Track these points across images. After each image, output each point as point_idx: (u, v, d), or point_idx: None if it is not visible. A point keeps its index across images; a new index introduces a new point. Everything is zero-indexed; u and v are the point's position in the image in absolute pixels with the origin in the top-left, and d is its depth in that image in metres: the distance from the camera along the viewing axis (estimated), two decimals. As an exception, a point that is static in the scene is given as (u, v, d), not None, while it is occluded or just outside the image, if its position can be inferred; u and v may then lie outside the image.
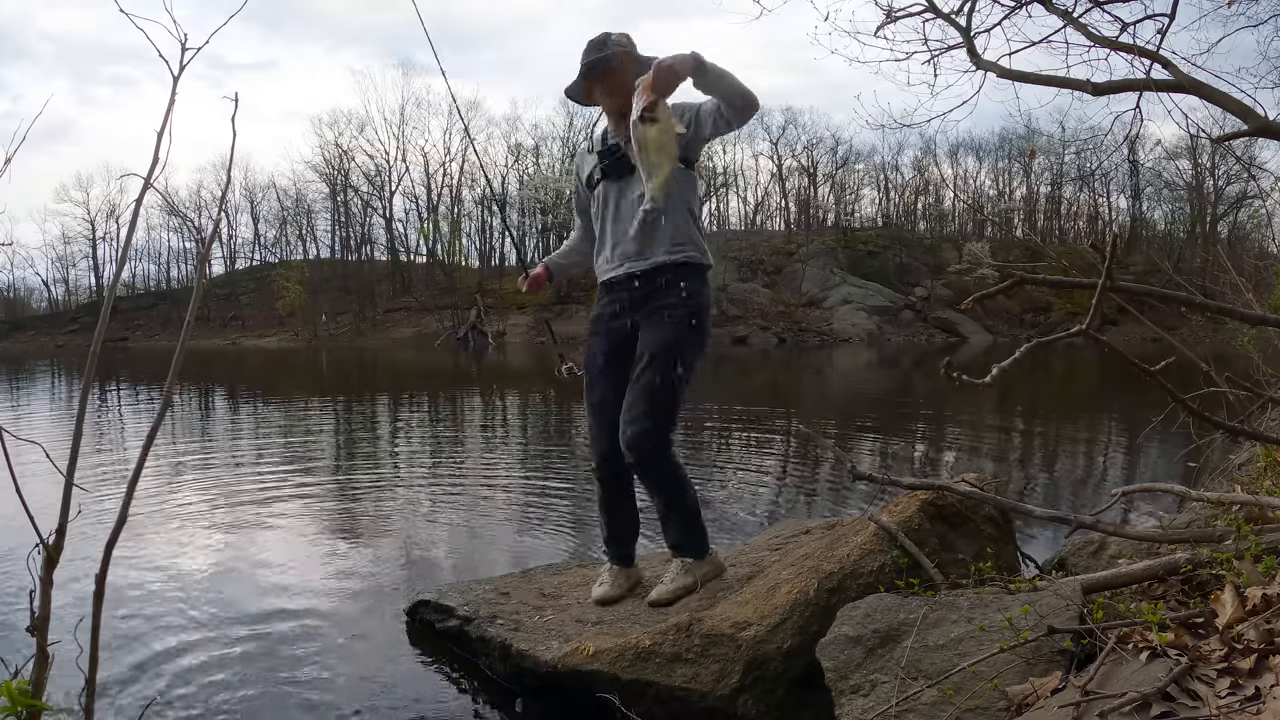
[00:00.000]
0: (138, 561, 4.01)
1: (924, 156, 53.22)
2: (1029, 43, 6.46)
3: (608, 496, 3.00)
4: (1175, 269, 16.58)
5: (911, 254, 49.64)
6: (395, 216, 52.74)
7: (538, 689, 2.65)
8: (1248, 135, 6.11)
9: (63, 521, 1.19)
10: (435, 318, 44.37)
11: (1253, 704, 1.47)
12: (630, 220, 2.77)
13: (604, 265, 2.91)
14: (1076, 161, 39.95)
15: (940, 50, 6.56)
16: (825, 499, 5.70)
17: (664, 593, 2.86)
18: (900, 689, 1.88)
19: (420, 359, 28.55)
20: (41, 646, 1.19)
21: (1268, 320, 2.94)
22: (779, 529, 3.64)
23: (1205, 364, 3.24)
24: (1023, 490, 5.83)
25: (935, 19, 6.51)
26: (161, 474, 6.39)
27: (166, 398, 1.35)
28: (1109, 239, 2.16)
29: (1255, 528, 2.25)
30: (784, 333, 42.58)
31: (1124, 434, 8.46)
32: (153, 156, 1.24)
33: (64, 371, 23.04)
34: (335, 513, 5.23)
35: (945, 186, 54.59)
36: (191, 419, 10.86)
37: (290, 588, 3.66)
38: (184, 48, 1.23)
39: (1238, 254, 17.79)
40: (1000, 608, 2.01)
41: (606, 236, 2.89)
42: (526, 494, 5.76)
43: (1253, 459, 3.60)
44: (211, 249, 53.35)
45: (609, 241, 2.88)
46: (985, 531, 2.52)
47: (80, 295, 56.21)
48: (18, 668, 1.22)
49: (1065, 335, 2.40)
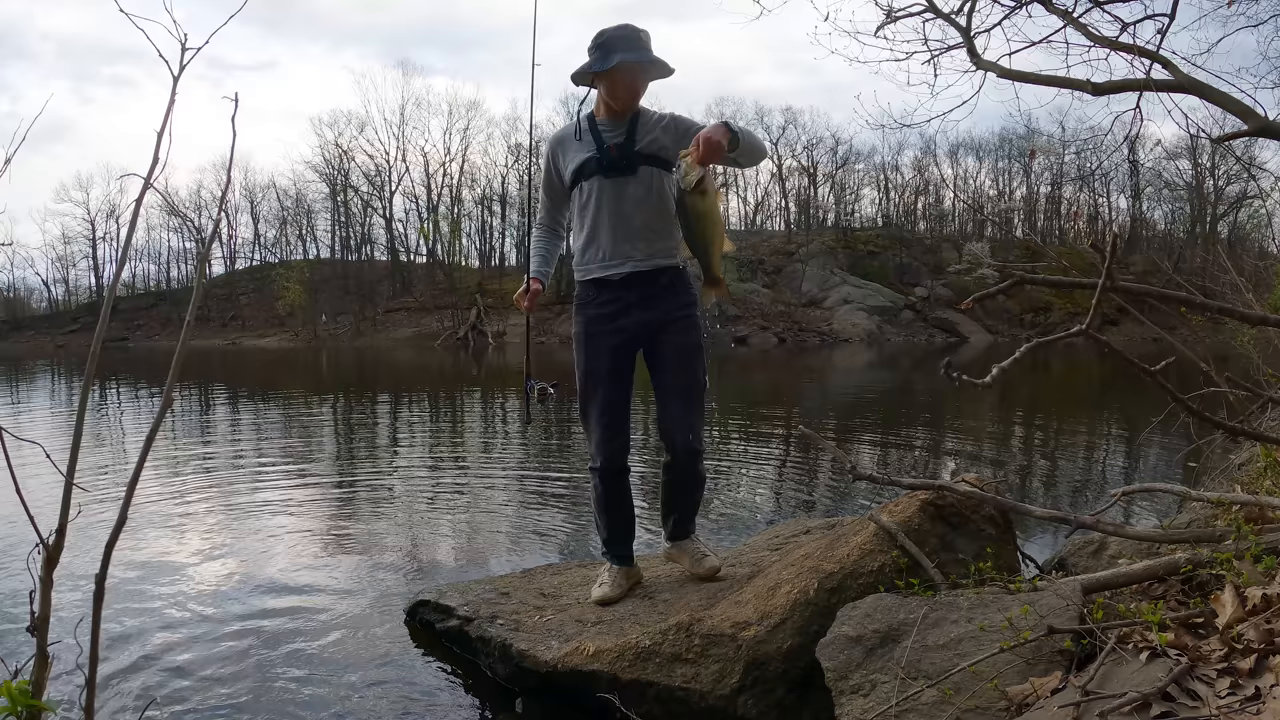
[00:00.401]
0: (138, 561, 4.01)
1: (924, 156, 53.33)
2: (1029, 43, 6.45)
3: (609, 496, 2.98)
4: (1175, 269, 16.57)
5: (911, 254, 49.66)
6: (395, 216, 52.79)
7: (538, 689, 2.65)
8: (1248, 135, 6.10)
9: (63, 521, 1.19)
10: (435, 318, 44.37)
11: (1253, 704, 1.47)
12: (633, 219, 2.82)
13: (601, 262, 2.86)
14: (1076, 161, 39.93)
15: (940, 50, 6.55)
16: (825, 499, 5.70)
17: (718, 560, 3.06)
18: (900, 689, 1.88)
19: (420, 359, 28.54)
20: (41, 646, 1.19)
21: (1268, 320, 2.93)
22: (779, 529, 3.65)
23: (1205, 364, 3.23)
24: (1023, 490, 5.84)
25: (935, 19, 6.50)
26: (162, 474, 6.39)
27: (166, 398, 1.34)
28: (1109, 239, 2.16)
29: (1255, 528, 2.25)
30: (784, 333, 42.57)
31: (1124, 434, 8.46)
32: (153, 156, 1.24)
33: (64, 371, 23.03)
34: (335, 513, 5.23)
35: (945, 186, 54.66)
36: (192, 419, 10.86)
37: (290, 587, 3.67)
38: (184, 48, 1.23)
39: (1238, 254, 17.81)
40: (1000, 608, 2.01)
41: (602, 232, 2.84)
42: (526, 494, 5.75)
43: (1253, 459, 3.60)
44: (211, 249, 53.54)
45: (606, 238, 2.83)
46: (985, 531, 2.52)
47: (80, 295, 56.24)
48: (18, 668, 1.22)
49: (1065, 335, 2.40)
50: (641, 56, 2.76)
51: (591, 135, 2.86)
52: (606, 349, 2.87)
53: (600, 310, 2.89)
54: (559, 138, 2.95)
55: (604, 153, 2.82)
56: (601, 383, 2.88)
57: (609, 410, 2.88)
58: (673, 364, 2.87)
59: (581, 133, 2.88)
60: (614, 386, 2.88)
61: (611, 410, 2.88)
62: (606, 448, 2.89)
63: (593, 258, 2.88)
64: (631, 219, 2.82)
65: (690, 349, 2.87)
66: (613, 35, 2.77)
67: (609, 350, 2.87)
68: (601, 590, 2.95)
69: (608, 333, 2.87)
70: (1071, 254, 25.41)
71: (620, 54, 2.74)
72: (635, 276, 2.83)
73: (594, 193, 2.84)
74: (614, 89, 2.79)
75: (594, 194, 2.84)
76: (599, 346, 2.88)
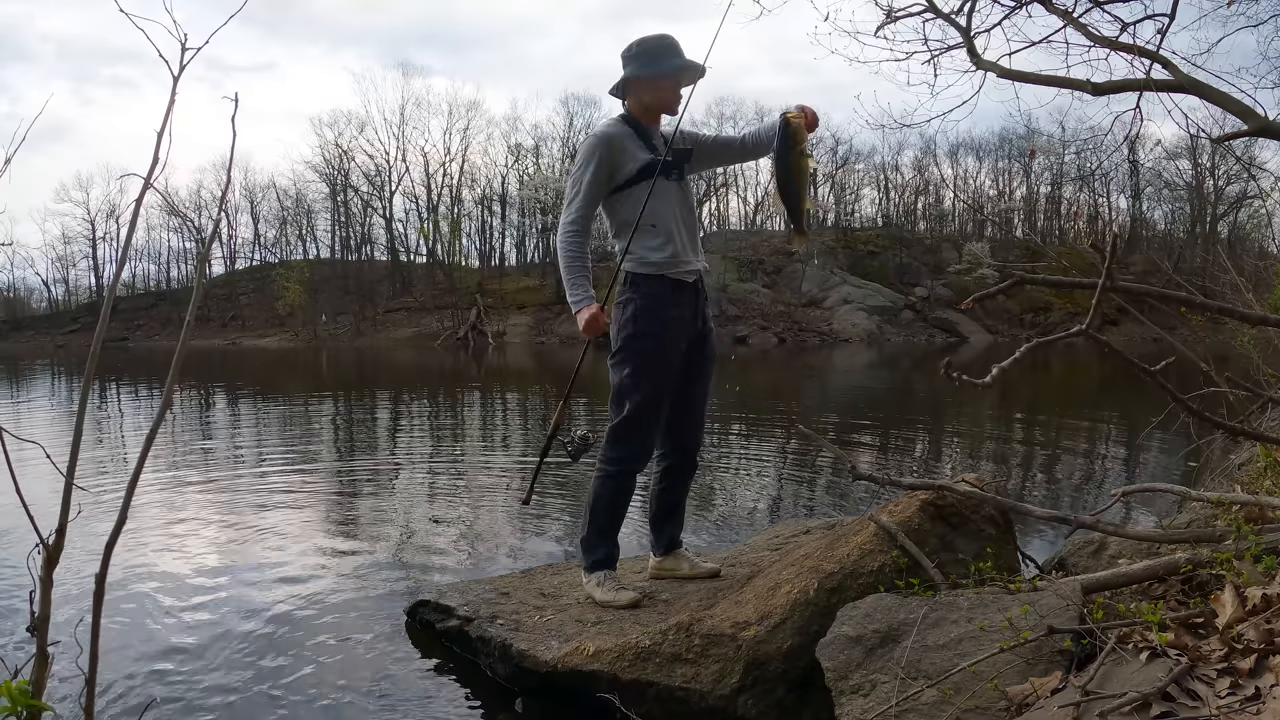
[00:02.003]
0: (138, 561, 4.01)
1: (924, 156, 53.22)
2: (1029, 43, 6.45)
3: (627, 494, 2.97)
4: (1175, 269, 16.58)
5: (911, 254, 49.65)
6: (395, 216, 52.76)
7: (538, 689, 2.65)
8: (1248, 135, 6.10)
9: (63, 521, 1.19)
10: (435, 318, 44.35)
11: (1253, 704, 1.47)
12: (692, 224, 2.93)
13: (681, 260, 2.84)
14: (1076, 161, 39.90)
15: (940, 50, 6.55)
16: (825, 499, 5.70)
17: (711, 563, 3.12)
18: (900, 689, 1.88)
19: (420, 359, 28.54)
20: (41, 646, 1.19)
21: (1268, 320, 2.94)
22: (779, 529, 3.65)
23: (1205, 364, 3.23)
24: (1023, 490, 5.84)
25: (935, 19, 6.49)
26: (162, 474, 6.38)
27: (166, 397, 1.34)
28: (1109, 239, 2.16)
29: (1255, 528, 2.25)
30: (784, 333, 42.57)
31: (1124, 434, 8.46)
32: (153, 156, 1.24)
33: (64, 371, 23.03)
34: (335, 513, 5.24)
35: (945, 186, 54.63)
36: (192, 419, 10.86)
37: (290, 587, 3.66)
38: (184, 48, 1.23)
39: (1238, 254, 17.81)
40: (1000, 608, 2.01)
41: (678, 230, 2.85)
42: (526, 494, 5.75)
43: (1253, 459, 3.60)
44: (211, 249, 53.54)
45: (682, 239, 2.85)
46: (985, 531, 2.52)
47: (80, 295, 56.19)
48: (18, 668, 1.22)
49: (1065, 335, 2.40)
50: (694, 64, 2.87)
51: (641, 138, 2.88)
52: (678, 352, 2.87)
53: (680, 312, 2.86)
54: (613, 136, 2.85)
55: (663, 157, 2.85)
56: (665, 381, 2.85)
57: (660, 409, 2.88)
58: (705, 372, 2.98)
59: (636, 134, 2.88)
60: (669, 389, 2.88)
61: (661, 409, 2.89)
62: (647, 444, 2.90)
63: (672, 256, 2.84)
64: (691, 224, 2.92)
65: (714, 358, 3.04)
66: (663, 43, 2.86)
67: (679, 354, 2.88)
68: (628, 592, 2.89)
69: (681, 336, 2.87)
70: (1071, 254, 25.43)
71: (676, 60, 2.84)
72: (699, 282, 2.93)
73: (661, 192, 2.83)
74: (663, 94, 2.87)
75: (668, 191, 2.85)
76: (675, 350, 2.86)
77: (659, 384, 2.83)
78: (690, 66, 2.88)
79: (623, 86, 2.89)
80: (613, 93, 2.93)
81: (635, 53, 2.86)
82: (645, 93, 2.87)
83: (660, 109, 2.91)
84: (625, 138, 2.86)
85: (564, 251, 2.83)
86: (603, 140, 2.85)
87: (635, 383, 2.81)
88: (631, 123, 2.89)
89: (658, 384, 2.83)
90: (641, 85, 2.86)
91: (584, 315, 2.76)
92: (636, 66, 2.85)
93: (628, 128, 2.88)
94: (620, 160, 2.83)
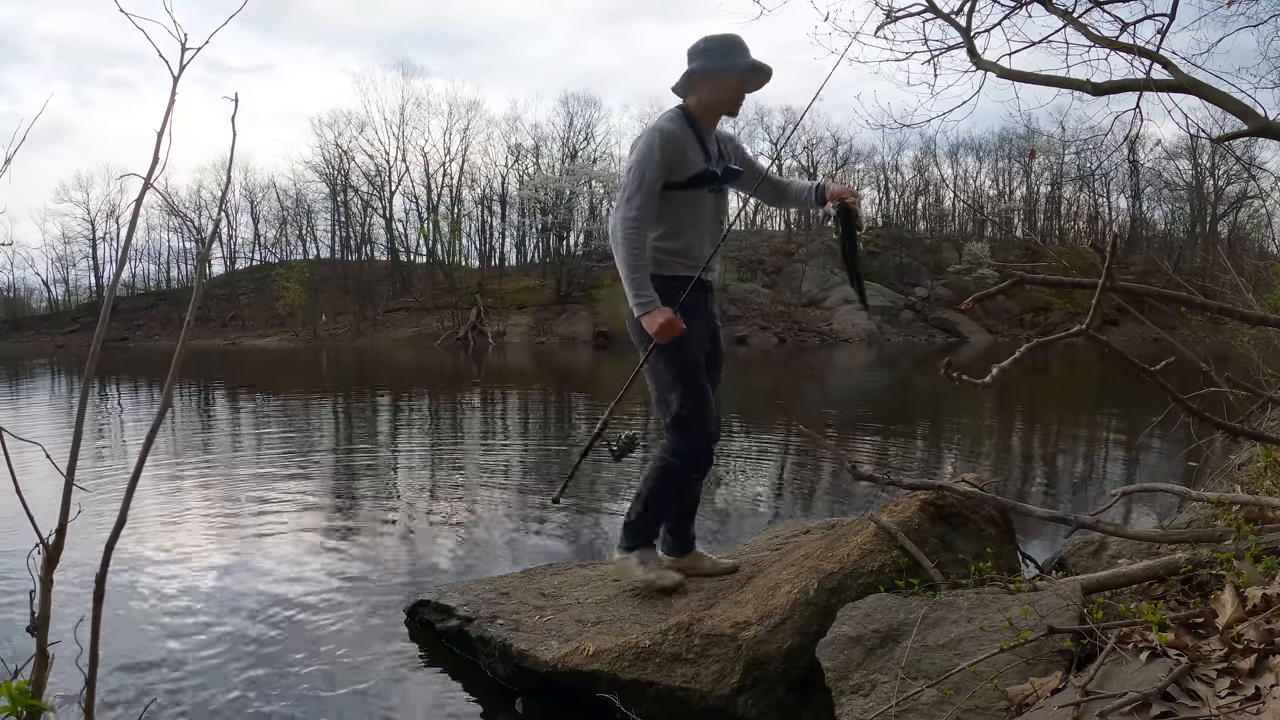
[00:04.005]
0: (138, 561, 4.01)
1: (924, 156, 53.10)
2: (1029, 43, 6.45)
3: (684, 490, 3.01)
4: (1175, 269, 16.59)
5: (911, 254, 49.61)
6: (395, 216, 52.70)
7: (538, 689, 2.65)
8: (1248, 135, 6.10)
9: (63, 521, 1.19)
10: (435, 318, 44.34)
11: (1253, 704, 1.47)
12: (716, 233, 2.99)
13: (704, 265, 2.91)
14: (1076, 161, 39.92)
15: (940, 50, 6.55)
16: (825, 499, 5.70)
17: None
18: (900, 689, 1.88)
19: (420, 359, 28.54)
20: (41, 646, 1.19)
21: (1268, 320, 2.94)
22: (779, 529, 3.65)
23: (1205, 364, 3.23)
24: (1022, 490, 5.84)
25: (935, 19, 6.49)
26: (162, 474, 6.39)
27: (166, 397, 1.34)
28: (1109, 239, 2.16)
29: (1255, 528, 2.25)
30: (784, 333, 42.56)
31: (1124, 434, 8.45)
32: (153, 157, 1.24)
33: (64, 371, 23.03)
34: (335, 513, 5.23)
35: (945, 186, 54.59)
36: (192, 419, 10.86)
37: (290, 587, 3.66)
38: (184, 48, 1.23)
39: (1238, 254, 17.78)
40: (1000, 608, 2.01)
41: (708, 238, 2.92)
42: (526, 494, 5.76)
43: (1253, 459, 3.60)
44: (211, 249, 53.59)
45: (708, 245, 2.92)
46: (985, 531, 2.52)
47: (80, 295, 56.10)
48: (18, 668, 1.22)
49: (1065, 335, 2.40)
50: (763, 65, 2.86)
51: (699, 140, 2.86)
52: (704, 337, 2.95)
53: (704, 308, 2.96)
54: (675, 134, 2.81)
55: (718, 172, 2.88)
56: (701, 363, 2.90)
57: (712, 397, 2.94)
58: (716, 366, 3.05)
59: (695, 135, 2.86)
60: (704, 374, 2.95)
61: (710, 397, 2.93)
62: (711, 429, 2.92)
63: (698, 259, 2.89)
64: (716, 233, 2.98)
65: (723, 354, 3.11)
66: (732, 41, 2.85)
67: (708, 337, 2.98)
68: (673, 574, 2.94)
69: (705, 320, 2.96)
70: (1071, 254, 25.44)
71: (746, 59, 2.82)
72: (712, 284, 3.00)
73: (704, 201, 2.90)
74: (729, 92, 2.86)
75: (704, 202, 2.90)
76: (699, 341, 2.92)
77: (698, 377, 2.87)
78: (759, 67, 2.85)
79: (686, 82, 2.87)
80: (675, 89, 2.90)
81: (704, 48, 2.84)
82: (710, 90, 2.84)
83: (722, 109, 2.89)
84: (686, 137, 2.83)
85: (626, 248, 2.75)
86: (667, 137, 2.78)
87: (676, 375, 2.82)
88: (691, 121, 2.86)
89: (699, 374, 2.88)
90: (707, 81, 2.83)
91: (658, 319, 2.72)
92: (705, 60, 2.81)
93: (688, 127, 2.85)
94: (678, 161, 2.79)
